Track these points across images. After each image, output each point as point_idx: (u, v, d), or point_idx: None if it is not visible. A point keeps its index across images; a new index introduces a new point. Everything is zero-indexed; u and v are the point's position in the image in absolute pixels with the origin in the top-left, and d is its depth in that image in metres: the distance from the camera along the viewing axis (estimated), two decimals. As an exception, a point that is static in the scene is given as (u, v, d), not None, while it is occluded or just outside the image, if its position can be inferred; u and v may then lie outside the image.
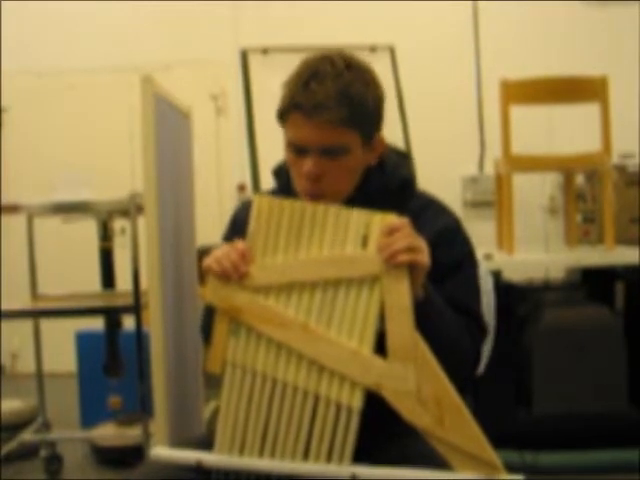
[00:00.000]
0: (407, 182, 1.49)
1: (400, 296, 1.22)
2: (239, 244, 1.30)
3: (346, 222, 1.26)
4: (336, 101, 1.30)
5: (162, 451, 1.35)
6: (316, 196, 1.36)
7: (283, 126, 1.38)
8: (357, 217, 1.26)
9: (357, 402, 1.22)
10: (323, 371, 1.23)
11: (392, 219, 1.25)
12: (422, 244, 1.25)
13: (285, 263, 1.28)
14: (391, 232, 1.23)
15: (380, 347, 1.23)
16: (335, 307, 1.25)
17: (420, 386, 1.19)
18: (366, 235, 1.25)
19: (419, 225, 1.39)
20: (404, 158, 1.53)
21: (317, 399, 1.24)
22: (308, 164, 1.34)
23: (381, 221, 1.25)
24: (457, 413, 1.18)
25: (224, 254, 1.29)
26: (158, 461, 1.34)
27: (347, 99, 1.31)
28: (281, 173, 1.53)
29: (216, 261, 1.30)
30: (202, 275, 1.34)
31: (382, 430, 1.35)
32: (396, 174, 1.47)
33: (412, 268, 1.23)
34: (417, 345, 1.21)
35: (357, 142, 1.36)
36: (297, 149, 1.36)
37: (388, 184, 1.45)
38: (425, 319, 1.25)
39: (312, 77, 1.32)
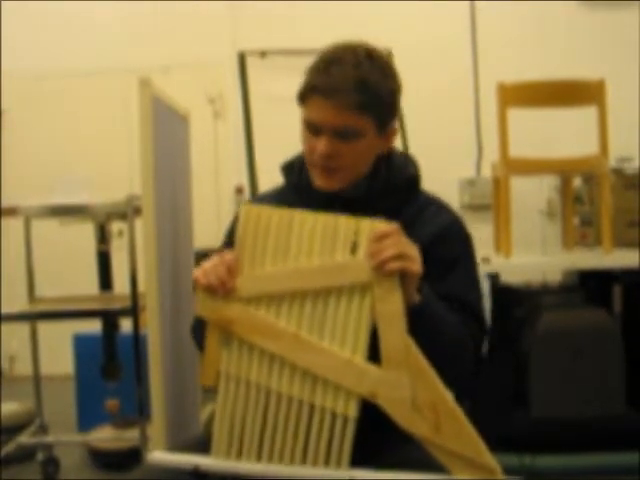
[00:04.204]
0: (413, 180, 1.52)
1: (392, 303, 1.20)
2: (227, 255, 1.30)
3: (334, 229, 1.25)
4: (353, 86, 1.35)
5: (159, 455, 1.35)
6: (328, 171, 1.42)
7: (302, 106, 1.43)
8: (346, 224, 1.25)
9: (352, 411, 1.21)
10: (317, 381, 1.23)
11: (381, 225, 1.23)
12: (413, 251, 1.24)
13: (275, 273, 1.27)
14: (380, 239, 1.22)
15: (374, 355, 1.22)
16: (327, 316, 1.24)
17: (415, 393, 1.19)
18: (355, 242, 1.23)
19: (421, 222, 1.44)
20: (410, 160, 1.57)
21: (312, 409, 1.23)
22: (321, 143, 1.39)
23: (370, 227, 1.23)
24: (453, 418, 1.18)
25: (211, 267, 1.29)
26: (155, 465, 1.34)
27: (363, 86, 1.36)
28: (292, 169, 1.55)
29: (204, 274, 1.29)
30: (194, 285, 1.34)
31: (380, 436, 1.34)
32: (403, 172, 1.51)
33: (403, 275, 1.22)
34: (410, 352, 1.19)
35: (371, 128, 1.40)
36: (313, 128, 1.41)
37: (395, 181, 1.49)
38: (424, 323, 1.25)
39: (333, 62, 1.38)
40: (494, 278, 3.01)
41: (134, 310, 2.72)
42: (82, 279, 3.68)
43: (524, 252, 3.48)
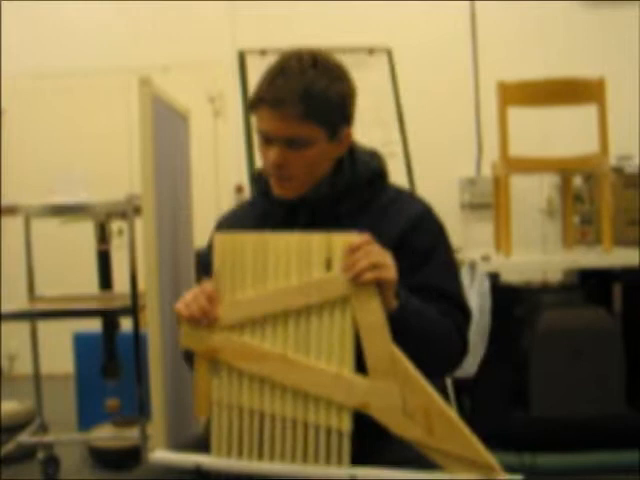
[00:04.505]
0: (377, 175, 1.52)
1: (372, 314, 1.21)
2: (207, 285, 1.31)
3: (308, 247, 1.25)
4: (297, 97, 1.37)
5: (161, 454, 1.35)
6: (280, 180, 1.44)
7: (254, 116, 1.45)
8: (318, 241, 1.25)
9: (346, 425, 1.22)
10: (308, 398, 1.23)
11: (353, 238, 1.23)
12: (386, 259, 1.24)
13: (255, 297, 1.27)
14: (353, 251, 1.22)
15: (361, 365, 1.22)
16: (310, 333, 1.24)
17: (405, 399, 1.19)
18: (329, 257, 1.24)
19: (392, 214, 1.45)
20: (375, 155, 1.56)
21: (306, 427, 1.24)
22: (273, 153, 1.41)
23: (342, 241, 1.23)
24: (446, 421, 1.17)
25: (192, 298, 1.30)
26: (156, 464, 1.34)
27: (308, 95, 1.37)
28: (260, 180, 1.56)
29: (185, 306, 1.30)
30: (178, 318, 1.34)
31: (381, 433, 1.35)
32: (367, 168, 1.51)
33: (380, 284, 1.22)
34: (396, 360, 1.20)
35: (321, 135, 1.41)
36: (264, 138, 1.44)
37: (359, 177, 1.49)
38: (406, 326, 1.26)
39: (279, 73, 1.40)
40: (494, 277, 3.01)
41: (134, 309, 2.72)
42: (82, 278, 3.68)
43: (524, 251, 3.48)
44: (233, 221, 1.60)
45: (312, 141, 1.41)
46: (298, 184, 1.44)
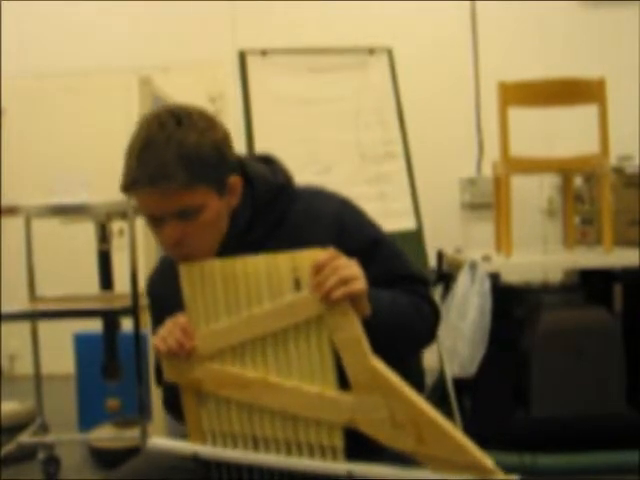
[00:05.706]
0: (281, 187, 1.43)
1: (347, 329, 1.19)
2: (180, 318, 1.30)
3: (277, 269, 1.23)
4: (173, 165, 1.25)
5: (159, 441, 1.36)
6: (185, 258, 1.32)
7: (132, 198, 1.33)
8: (284, 262, 1.23)
9: (338, 441, 1.22)
10: (297, 420, 1.24)
11: (317, 255, 1.20)
12: (353, 270, 1.20)
13: (231, 325, 1.27)
14: (319, 270, 1.19)
15: (345, 381, 1.21)
16: (290, 356, 1.24)
17: (392, 411, 1.18)
18: (297, 278, 1.22)
19: (309, 223, 1.39)
20: (269, 164, 1.47)
21: (300, 446, 1.24)
22: (167, 231, 1.29)
23: (307, 259, 1.21)
24: (436, 428, 1.16)
25: (168, 332, 1.30)
26: (152, 454, 1.36)
27: (183, 160, 1.25)
28: None
29: (162, 341, 1.30)
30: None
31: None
32: (267, 185, 1.41)
33: (351, 298, 1.19)
34: (378, 373, 1.18)
35: (210, 194, 1.30)
36: (153, 220, 1.31)
37: (262, 200, 1.40)
38: (384, 325, 1.26)
39: (145, 147, 1.28)
40: (495, 277, 3.01)
41: (135, 309, 2.72)
42: (83, 278, 3.68)
43: (525, 251, 3.48)
44: (162, 276, 1.52)
45: (204, 205, 1.29)
46: (204, 254, 1.32)
